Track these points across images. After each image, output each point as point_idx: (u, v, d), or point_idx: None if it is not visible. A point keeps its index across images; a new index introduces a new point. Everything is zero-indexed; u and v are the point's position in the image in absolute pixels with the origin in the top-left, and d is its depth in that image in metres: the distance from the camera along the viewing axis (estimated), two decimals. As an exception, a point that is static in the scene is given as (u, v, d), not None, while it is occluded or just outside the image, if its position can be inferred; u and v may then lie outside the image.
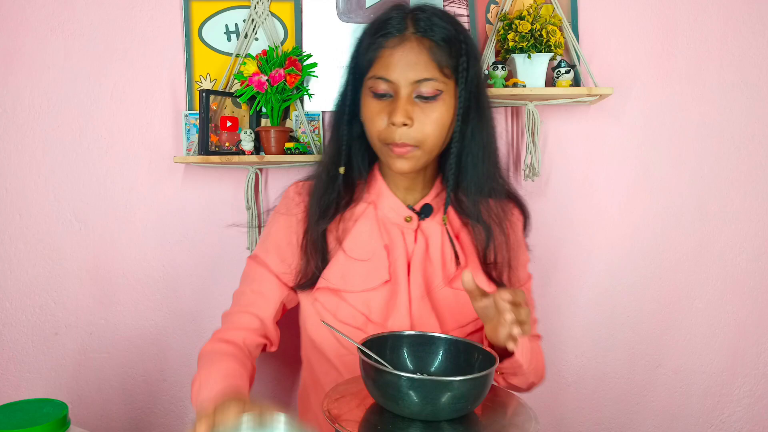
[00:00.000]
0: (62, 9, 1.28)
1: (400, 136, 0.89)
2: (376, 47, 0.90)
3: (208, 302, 1.35)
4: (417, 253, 0.97)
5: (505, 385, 0.97)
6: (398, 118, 0.88)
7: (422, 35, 0.89)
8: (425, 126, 0.90)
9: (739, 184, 1.41)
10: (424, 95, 0.89)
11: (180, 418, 1.37)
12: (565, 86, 1.28)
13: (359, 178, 1.01)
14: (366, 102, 0.93)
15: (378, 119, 0.91)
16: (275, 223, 1.05)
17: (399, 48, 0.89)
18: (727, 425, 1.47)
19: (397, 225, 0.99)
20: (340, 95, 1.01)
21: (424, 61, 0.88)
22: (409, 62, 0.88)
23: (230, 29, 1.31)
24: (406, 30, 0.90)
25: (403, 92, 0.89)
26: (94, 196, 1.31)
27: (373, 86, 0.91)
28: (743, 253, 1.43)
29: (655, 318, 1.43)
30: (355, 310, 0.96)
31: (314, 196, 1.00)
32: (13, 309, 1.32)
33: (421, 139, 0.90)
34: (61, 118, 1.30)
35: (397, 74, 0.89)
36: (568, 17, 1.33)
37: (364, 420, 0.75)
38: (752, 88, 1.39)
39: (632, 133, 1.39)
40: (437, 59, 0.88)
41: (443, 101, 0.91)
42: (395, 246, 0.97)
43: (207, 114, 1.25)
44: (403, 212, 0.99)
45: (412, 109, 0.89)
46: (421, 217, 0.99)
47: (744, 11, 1.38)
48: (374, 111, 0.92)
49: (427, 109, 0.90)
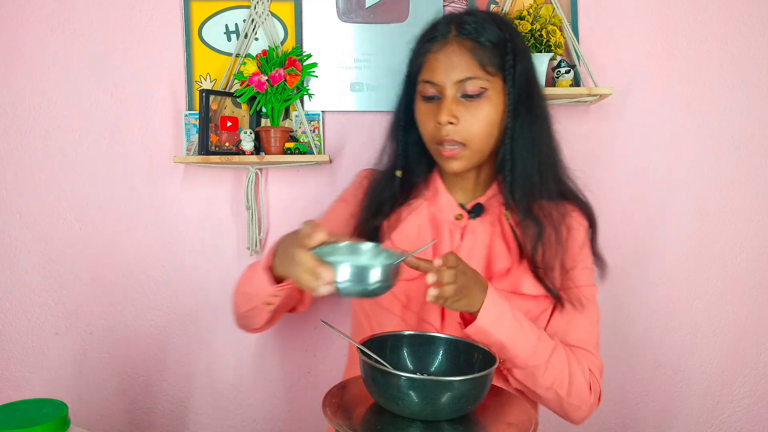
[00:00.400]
0: (62, 9, 1.28)
1: (446, 132, 0.92)
2: (423, 52, 0.95)
3: (208, 302, 1.35)
4: (462, 251, 0.98)
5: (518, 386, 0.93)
6: (443, 117, 0.91)
7: (464, 37, 0.92)
8: (472, 124, 0.92)
9: (739, 184, 1.41)
10: (468, 94, 0.92)
11: (180, 418, 1.37)
12: (565, 86, 1.28)
13: (418, 178, 1.05)
14: (417, 106, 0.97)
15: (428, 121, 0.95)
16: (339, 205, 1.11)
17: (442, 51, 0.93)
18: (727, 425, 1.47)
19: (447, 222, 1.01)
20: (397, 102, 1.04)
21: (465, 61, 0.91)
22: (452, 63, 0.92)
23: (230, 29, 1.31)
24: (449, 33, 0.93)
25: (448, 93, 0.92)
26: (94, 196, 1.31)
27: (422, 90, 0.96)
28: (743, 253, 1.43)
29: (655, 318, 1.43)
30: (394, 297, 0.98)
31: (370, 194, 1.04)
32: (13, 309, 1.32)
33: (468, 137, 0.93)
34: (61, 118, 1.30)
35: (441, 76, 0.92)
36: (568, 17, 1.33)
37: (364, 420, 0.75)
38: (752, 88, 1.39)
39: (632, 133, 1.39)
40: (479, 58, 0.91)
41: (489, 99, 0.93)
42: (442, 241, 1.00)
43: (207, 114, 1.25)
44: (454, 210, 1.01)
45: (458, 108, 0.92)
46: (471, 216, 1.00)
47: (744, 11, 1.38)
48: (424, 114, 0.96)
49: (473, 107, 0.92)
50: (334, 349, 1.39)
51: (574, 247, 0.99)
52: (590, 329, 0.99)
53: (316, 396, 1.39)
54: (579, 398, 0.93)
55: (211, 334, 1.36)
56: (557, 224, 0.97)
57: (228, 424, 1.38)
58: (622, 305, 1.42)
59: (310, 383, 1.39)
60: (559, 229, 0.97)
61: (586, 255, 1.01)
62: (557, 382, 0.90)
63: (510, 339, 0.86)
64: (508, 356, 0.88)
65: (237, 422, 1.38)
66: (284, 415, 1.39)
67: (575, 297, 0.97)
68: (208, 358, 1.36)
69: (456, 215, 1.01)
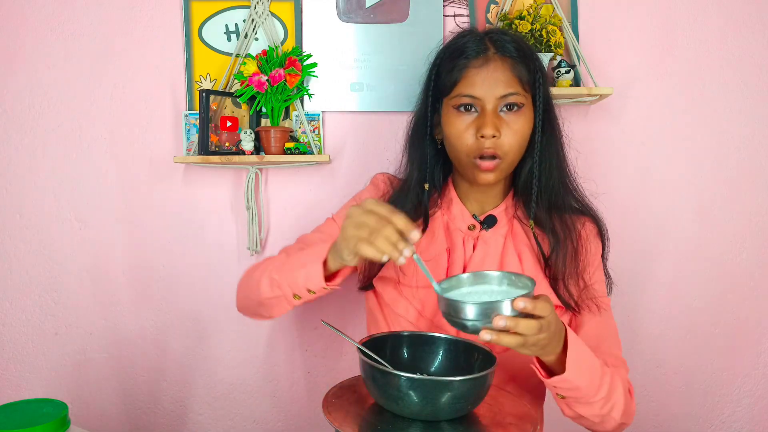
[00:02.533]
0: (62, 9, 1.28)
1: (489, 145, 0.94)
2: (461, 68, 0.96)
3: (208, 302, 1.35)
4: (474, 261, 1.00)
5: (573, 416, 0.91)
6: (488, 130, 0.93)
7: (503, 54, 0.96)
8: (510, 138, 0.95)
9: (739, 184, 1.41)
10: (509, 108, 0.95)
11: (180, 417, 1.37)
12: (565, 86, 1.28)
13: (434, 188, 1.06)
14: (451, 120, 0.98)
15: (466, 134, 0.96)
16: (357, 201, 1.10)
17: (485, 67, 0.95)
18: (727, 425, 1.47)
19: (461, 231, 1.03)
20: (418, 117, 1.06)
21: (507, 77, 0.95)
22: (497, 79, 0.94)
23: (230, 29, 1.31)
24: (488, 51, 0.96)
25: (489, 107, 0.94)
26: (94, 196, 1.31)
27: (458, 103, 0.97)
28: (743, 253, 1.43)
29: (656, 318, 1.43)
30: (409, 303, 1.00)
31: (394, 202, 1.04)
32: (13, 309, 1.32)
33: (507, 150, 0.95)
34: (61, 118, 1.30)
35: (484, 90, 0.94)
36: (568, 17, 1.33)
37: (364, 420, 0.75)
38: (752, 88, 1.39)
39: (632, 133, 1.39)
40: (519, 75, 0.95)
41: (524, 114, 0.96)
42: (455, 250, 1.01)
43: (207, 114, 1.25)
44: (468, 220, 1.04)
45: (500, 122, 0.95)
46: (484, 227, 1.02)
47: (744, 11, 1.38)
48: (461, 127, 0.97)
49: (511, 121, 0.95)
50: (334, 349, 1.39)
51: (591, 260, 1.03)
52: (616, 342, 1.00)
53: (316, 396, 1.39)
54: (628, 417, 0.94)
55: (211, 334, 1.36)
56: (575, 237, 1.01)
57: (228, 424, 1.38)
58: (621, 305, 1.41)
59: (310, 383, 1.39)
60: (577, 242, 1.00)
61: (598, 267, 1.05)
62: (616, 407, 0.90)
63: (587, 382, 0.84)
64: (578, 395, 0.85)
65: (237, 422, 1.38)
66: (284, 415, 1.39)
67: (596, 308, 0.99)
68: (208, 358, 1.36)
69: (469, 225, 1.03)
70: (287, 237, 1.34)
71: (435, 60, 1.01)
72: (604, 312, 1.00)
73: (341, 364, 1.39)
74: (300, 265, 0.90)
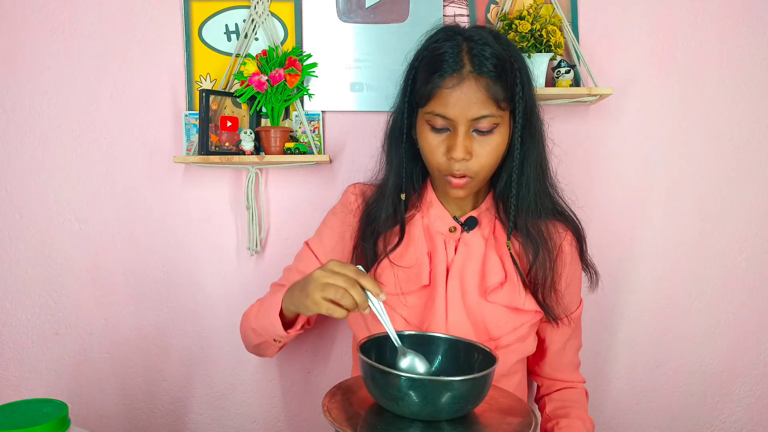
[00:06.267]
0: (62, 9, 1.28)
1: (458, 168, 0.92)
2: (433, 86, 0.90)
3: (208, 302, 1.35)
4: (456, 263, 1.00)
5: None
6: (458, 153, 0.91)
7: (479, 73, 0.89)
8: (482, 158, 0.93)
9: (739, 184, 1.41)
10: (481, 130, 0.92)
11: (180, 418, 1.37)
12: (565, 86, 1.28)
13: (412, 190, 1.05)
14: (424, 134, 0.95)
15: (437, 151, 0.94)
16: (330, 221, 1.11)
17: (457, 88, 0.89)
18: (727, 425, 1.47)
19: (442, 234, 1.02)
20: (394, 120, 1.04)
21: (481, 99, 0.89)
22: (469, 101, 0.89)
23: (230, 29, 1.31)
24: (463, 68, 0.90)
25: (461, 129, 0.91)
26: (94, 196, 1.31)
27: (430, 120, 0.93)
28: (743, 253, 1.42)
29: (655, 318, 1.43)
30: (394, 311, 0.99)
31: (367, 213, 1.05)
32: (13, 309, 1.32)
33: (478, 170, 0.94)
34: (61, 118, 1.30)
35: (456, 112, 0.90)
36: (568, 17, 1.33)
37: (364, 420, 0.75)
38: (752, 88, 1.39)
39: (632, 133, 1.38)
40: (494, 96, 0.90)
41: (499, 132, 0.93)
42: (437, 254, 1.00)
43: (207, 114, 1.25)
44: (448, 222, 1.03)
45: (471, 143, 0.92)
46: (465, 229, 1.02)
47: (744, 11, 1.38)
48: (433, 144, 0.94)
49: (484, 142, 0.93)
50: (334, 349, 1.39)
51: (566, 266, 1.04)
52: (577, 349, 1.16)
53: (316, 396, 1.39)
54: None
55: (211, 334, 1.36)
56: (551, 246, 1.01)
57: (228, 424, 1.38)
58: (621, 305, 1.42)
59: (310, 383, 1.39)
60: (552, 250, 1.01)
61: (576, 273, 1.08)
62: None
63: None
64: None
65: (237, 422, 1.38)
66: (284, 415, 1.39)
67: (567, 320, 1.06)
68: (208, 358, 1.36)
69: (449, 228, 1.02)
70: (287, 237, 1.34)
71: (413, 62, 0.97)
72: (574, 322, 1.09)
73: (341, 364, 1.39)
74: (264, 315, 0.98)
